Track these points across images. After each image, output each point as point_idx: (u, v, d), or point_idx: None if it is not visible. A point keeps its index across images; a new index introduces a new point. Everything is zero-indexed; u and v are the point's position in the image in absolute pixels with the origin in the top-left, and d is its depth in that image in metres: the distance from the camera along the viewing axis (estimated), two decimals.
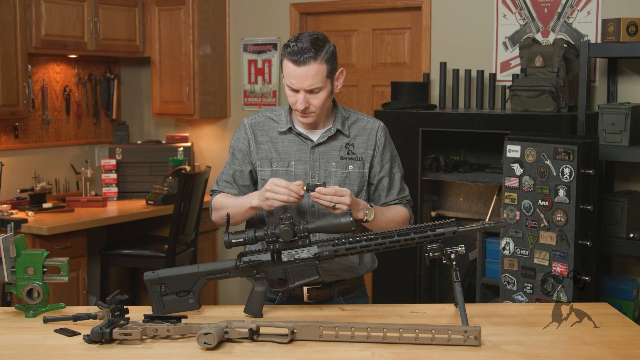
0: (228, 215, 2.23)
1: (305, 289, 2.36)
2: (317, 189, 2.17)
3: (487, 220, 4.01)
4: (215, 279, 2.19)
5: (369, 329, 1.91)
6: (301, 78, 2.22)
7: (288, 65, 2.24)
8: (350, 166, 2.37)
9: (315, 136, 2.38)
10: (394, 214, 2.41)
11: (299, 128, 2.38)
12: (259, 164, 2.39)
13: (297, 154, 2.36)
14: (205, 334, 1.87)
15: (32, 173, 4.85)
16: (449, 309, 2.26)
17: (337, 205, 2.17)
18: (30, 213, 4.40)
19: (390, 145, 2.45)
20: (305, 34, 2.27)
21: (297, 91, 2.26)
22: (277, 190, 2.18)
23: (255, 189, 2.45)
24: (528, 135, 3.34)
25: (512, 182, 3.34)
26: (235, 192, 2.43)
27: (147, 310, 2.17)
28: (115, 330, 1.92)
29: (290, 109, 2.39)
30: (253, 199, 2.27)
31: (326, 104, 2.31)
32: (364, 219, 2.28)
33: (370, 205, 2.30)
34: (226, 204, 2.38)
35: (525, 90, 3.77)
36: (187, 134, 5.43)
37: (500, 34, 4.27)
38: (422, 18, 4.53)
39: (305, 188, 2.19)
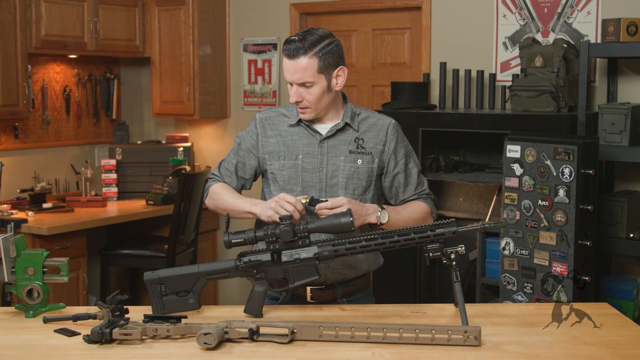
0: (228, 215, 2.23)
1: (308, 289, 2.36)
2: (317, 206, 2.21)
3: (487, 220, 4.00)
4: (215, 279, 2.19)
5: (369, 329, 1.91)
6: (291, 71, 2.29)
7: (284, 58, 2.32)
8: (359, 160, 2.38)
9: (324, 130, 2.39)
10: (411, 212, 2.40)
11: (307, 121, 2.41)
12: (267, 158, 2.41)
13: (305, 147, 2.38)
14: (205, 334, 1.87)
15: (32, 173, 4.85)
16: (449, 309, 2.26)
17: None
18: (30, 213, 4.40)
19: (403, 141, 2.46)
20: (308, 29, 2.32)
21: (292, 84, 2.32)
22: (283, 205, 2.19)
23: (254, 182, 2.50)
24: (528, 135, 3.34)
25: (512, 182, 3.34)
26: (234, 183, 2.46)
27: (147, 310, 2.17)
28: (115, 330, 1.92)
29: None
30: (254, 207, 2.28)
31: (323, 100, 2.33)
32: (379, 222, 2.27)
33: (383, 208, 2.30)
34: (224, 197, 2.40)
35: (525, 90, 3.77)
36: (187, 134, 5.43)
37: (500, 34, 4.27)
38: (422, 18, 4.53)
39: (307, 201, 2.23)
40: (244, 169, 2.47)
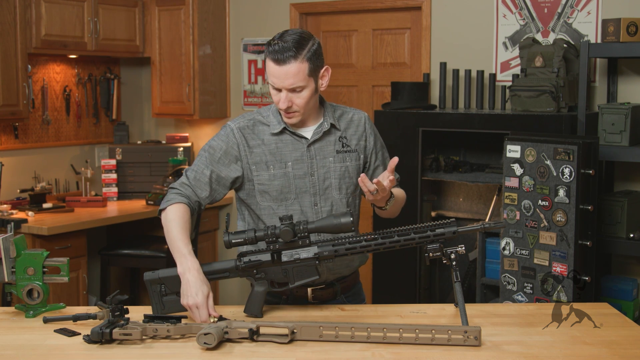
0: (228, 215, 2.24)
1: (309, 289, 2.35)
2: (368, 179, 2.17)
3: (487, 220, 4.01)
4: (215, 279, 2.19)
5: (369, 329, 1.91)
6: (282, 77, 2.18)
7: (269, 64, 2.20)
8: (348, 159, 2.37)
9: (307, 134, 2.34)
10: (398, 196, 2.41)
11: (291, 127, 2.34)
12: (254, 169, 2.31)
13: (292, 153, 2.32)
14: (205, 334, 1.87)
15: (32, 173, 4.85)
16: (449, 309, 2.26)
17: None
18: (30, 213, 4.40)
19: (377, 133, 2.48)
20: (288, 31, 2.22)
21: (279, 90, 2.22)
22: (195, 313, 2.08)
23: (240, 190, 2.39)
24: (528, 135, 3.34)
25: (512, 182, 3.34)
26: (205, 193, 2.32)
27: (147, 310, 2.17)
28: (115, 330, 1.92)
29: (277, 109, 2.33)
30: (179, 265, 2.14)
31: (310, 102, 2.26)
32: (383, 207, 2.28)
33: (392, 196, 2.30)
34: (171, 229, 2.21)
35: (525, 90, 3.77)
36: (187, 134, 5.43)
37: (500, 34, 4.27)
38: (422, 18, 4.53)
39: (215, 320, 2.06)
40: (219, 179, 2.32)
